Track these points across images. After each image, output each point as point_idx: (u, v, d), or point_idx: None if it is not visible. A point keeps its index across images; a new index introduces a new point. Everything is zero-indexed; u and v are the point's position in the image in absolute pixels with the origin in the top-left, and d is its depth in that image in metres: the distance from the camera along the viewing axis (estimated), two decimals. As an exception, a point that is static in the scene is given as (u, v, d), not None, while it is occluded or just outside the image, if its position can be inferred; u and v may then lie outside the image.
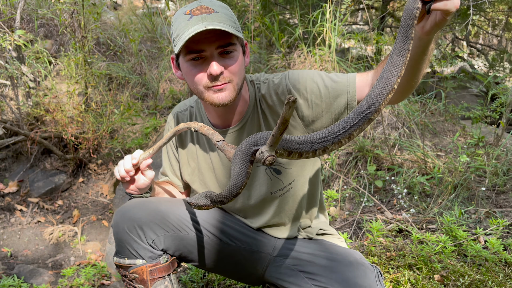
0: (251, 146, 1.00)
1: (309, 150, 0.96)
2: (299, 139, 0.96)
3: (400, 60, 0.97)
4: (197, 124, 1.30)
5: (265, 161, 0.90)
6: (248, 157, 1.00)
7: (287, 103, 0.78)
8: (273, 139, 0.88)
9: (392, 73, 0.97)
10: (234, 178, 1.04)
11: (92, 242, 3.42)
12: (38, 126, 3.99)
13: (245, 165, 1.01)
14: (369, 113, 0.95)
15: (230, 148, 1.11)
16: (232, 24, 1.34)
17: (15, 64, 3.75)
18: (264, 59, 4.49)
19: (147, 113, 4.51)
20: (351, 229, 2.64)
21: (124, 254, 1.49)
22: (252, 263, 1.58)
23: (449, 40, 5.96)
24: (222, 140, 1.16)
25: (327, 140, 0.95)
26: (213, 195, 1.14)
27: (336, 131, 0.95)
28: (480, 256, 2.05)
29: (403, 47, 0.98)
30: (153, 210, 1.49)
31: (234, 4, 5.58)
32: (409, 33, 0.97)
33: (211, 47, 1.32)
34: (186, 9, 1.36)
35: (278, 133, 0.86)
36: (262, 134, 1.00)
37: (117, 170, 1.48)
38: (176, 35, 1.35)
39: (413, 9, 0.98)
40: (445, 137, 3.50)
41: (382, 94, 0.96)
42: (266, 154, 0.91)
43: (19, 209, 3.73)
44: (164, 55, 5.01)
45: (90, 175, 4.11)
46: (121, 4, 8.00)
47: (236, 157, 1.02)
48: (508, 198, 2.71)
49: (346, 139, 0.95)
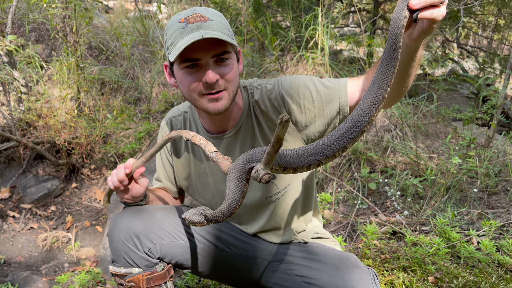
0: (246, 164, 0.99)
1: (304, 165, 0.96)
2: (293, 153, 0.97)
3: (389, 70, 0.98)
4: (189, 133, 1.29)
5: (261, 180, 0.91)
6: (243, 175, 1.00)
7: (280, 122, 0.78)
8: (268, 157, 0.89)
9: (382, 82, 0.98)
10: (229, 198, 1.04)
11: (86, 248, 3.40)
12: (30, 132, 3.96)
13: (241, 184, 1.01)
14: (361, 124, 0.96)
15: (224, 160, 1.10)
16: (227, 32, 1.35)
17: (7, 69, 3.72)
18: (257, 62, 4.50)
19: (140, 118, 4.50)
20: (346, 232, 2.65)
21: (120, 263, 1.48)
22: (248, 268, 1.59)
23: (440, 42, 6.01)
24: (216, 151, 1.16)
25: (321, 153, 0.95)
26: (208, 213, 1.14)
27: (330, 143, 0.95)
28: (474, 257, 2.07)
29: (392, 56, 0.98)
30: (149, 219, 1.49)
31: (226, 7, 5.59)
32: (397, 42, 0.99)
33: (206, 56, 1.33)
34: (180, 16, 1.36)
35: (272, 151, 0.87)
36: (256, 151, 1.00)
37: (110, 180, 1.47)
38: (170, 43, 1.35)
39: (400, 18, 0.99)
40: (437, 139, 3.53)
41: (374, 105, 0.97)
42: (262, 172, 0.91)
43: (12, 216, 3.70)
44: (157, 59, 5.00)
45: (83, 180, 4.09)
46: (112, 7, 7.98)
47: (231, 175, 1.02)
48: (500, 199, 2.74)
49: (340, 152, 0.96)
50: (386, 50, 1.00)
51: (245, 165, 0.99)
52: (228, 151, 1.55)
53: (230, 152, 1.54)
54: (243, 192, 1.02)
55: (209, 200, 1.65)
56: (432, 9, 0.97)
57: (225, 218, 1.08)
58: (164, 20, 6.20)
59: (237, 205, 1.04)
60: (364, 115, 0.96)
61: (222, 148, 1.55)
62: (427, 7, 0.97)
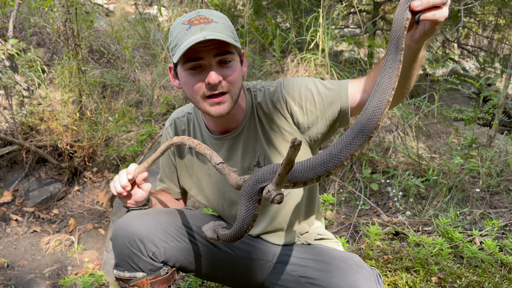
0: (256, 184, 0.98)
1: (313, 177, 0.95)
2: (301, 166, 0.95)
3: (392, 72, 0.97)
4: (193, 141, 1.28)
5: (273, 200, 0.90)
6: (255, 196, 0.99)
7: (292, 146, 0.79)
8: (280, 178, 0.88)
9: (386, 86, 0.96)
10: (239, 221, 1.03)
11: (89, 250, 3.41)
12: (32, 135, 3.97)
13: (252, 206, 0.99)
14: (368, 130, 0.94)
15: (231, 172, 1.10)
16: (230, 34, 1.36)
17: (9, 73, 3.73)
18: (257, 64, 4.51)
19: (141, 120, 4.50)
20: (348, 233, 2.66)
21: (124, 267, 1.49)
22: (252, 271, 1.59)
23: (440, 42, 6.02)
24: (222, 162, 1.15)
25: (329, 163, 0.93)
26: (220, 233, 1.13)
27: (337, 152, 0.93)
28: (476, 257, 2.08)
29: (395, 58, 0.98)
30: (153, 222, 1.49)
31: (227, 9, 5.60)
32: (399, 44, 0.98)
33: (209, 55, 1.34)
34: (184, 18, 1.37)
35: (284, 172, 0.86)
36: (265, 170, 0.98)
37: (113, 186, 1.48)
38: (174, 44, 1.36)
39: (402, 20, 0.99)
40: (439, 139, 3.54)
41: (379, 109, 0.95)
42: (274, 193, 0.90)
43: (15, 219, 3.70)
44: (158, 62, 5.01)
45: (86, 183, 4.10)
46: (113, 10, 7.99)
47: (242, 197, 1.00)
48: (502, 199, 2.74)
49: (348, 160, 0.94)
50: (389, 53, 0.99)
51: (255, 185, 0.98)
52: (230, 152, 1.55)
53: (232, 153, 1.55)
54: (254, 215, 1.01)
55: (211, 201, 1.66)
56: (435, 11, 0.96)
57: (235, 241, 1.07)
58: (165, 23, 6.21)
59: (247, 228, 1.03)
60: (369, 120, 0.95)
61: (224, 149, 1.56)
62: (429, 8, 0.97)
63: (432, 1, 0.95)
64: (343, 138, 0.95)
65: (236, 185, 1.05)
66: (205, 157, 1.20)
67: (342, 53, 5.58)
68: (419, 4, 0.96)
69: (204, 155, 1.21)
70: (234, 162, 1.56)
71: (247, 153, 1.53)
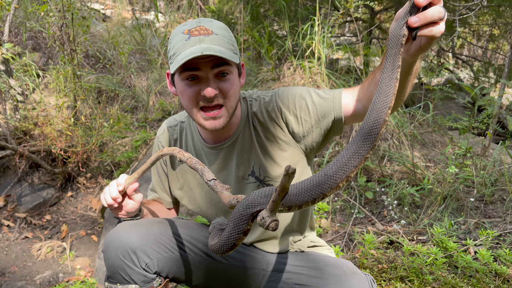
0: (247, 209, 0.96)
1: (308, 200, 0.92)
2: (296, 189, 0.93)
3: (389, 91, 0.95)
4: (184, 154, 1.26)
5: (268, 227, 0.87)
6: (245, 221, 0.97)
7: (286, 174, 0.77)
8: (274, 205, 0.86)
9: (383, 105, 0.94)
10: (224, 237, 1.02)
11: (81, 257, 3.37)
12: (26, 140, 3.94)
13: (241, 228, 0.98)
14: (364, 151, 0.92)
15: (224, 190, 1.08)
16: (230, 47, 1.35)
17: (3, 77, 3.71)
18: (253, 71, 4.52)
19: (136, 126, 4.49)
20: (343, 241, 2.65)
21: (116, 280, 1.46)
22: (246, 279, 1.58)
23: (435, 52, 6.06)
24: (214, 178, 1.12)
25: (324, 185, 0.90)
26: (210, 243, 1.12)
27: (332, 173, 0.91)
28: (471, 267, 2.07)
29: (391, 76, 0.95)
30: (146, 233, 1.47)
31: (224, 15, 5.61)
32: (396, 62, 0.96)
33: (206, 67, 1.33)
34: (185, 28, 1.36)
35: (278, 199, 0.84)
36: (256, 195, 0.96)
37: (103, 198, 1.45)
38: (173, 53, 1.36)
39: (399, 36, 0.97)
40: (434, 148, 3.55)
41: (375, 129, 0.92)
42: (269, 220, 0.87)
43: (6, 225, 3.66)
44: (154, 68, 5.01)
45: (79, 189, 4.06)
46: (110, 16, 8.00)
47: (232, 220, 0.99)
48: (496, 208, 2.75)
49: (344, 181, 0.91)
50: (385, 70, 0.97)
51: (245, 210, 0.96)
52: (224, 161, 1.55)
53: (227, 162, 1.55)
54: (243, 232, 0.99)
55: (204, 210, 1.64)
56: (432, 27, 0.95)
57: (220, 254, 1.05)
58: (162, 29, 6.21)
59: (228, 248, 1.01)
60: (365, 140, 0.92)
61: (220, 159, 1.55)
62: (427, 24, 0.95)
63: (429, 17, 0.93)
64: (338, 159, 0.92)
65: (229, 205, 1.02)
66: (197, 172, 1.18)
67: (338, 61, 5.60)
68: (417, 21, 0.94)
69: (195, 170, 1.18)
70: (228, 172, 1.55)
71: (242, 163, 1.52)
